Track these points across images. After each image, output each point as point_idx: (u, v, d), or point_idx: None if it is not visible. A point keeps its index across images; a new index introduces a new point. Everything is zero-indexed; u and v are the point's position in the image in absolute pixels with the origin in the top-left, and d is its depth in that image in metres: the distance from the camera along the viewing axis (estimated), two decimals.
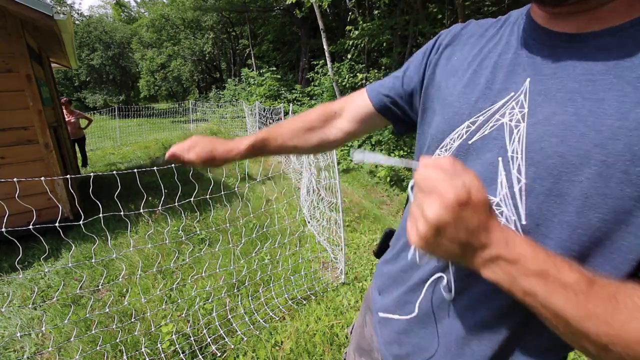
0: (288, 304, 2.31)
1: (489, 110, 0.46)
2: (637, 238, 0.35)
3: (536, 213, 0.40)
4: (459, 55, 0.54)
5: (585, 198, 0.36)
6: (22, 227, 1.62)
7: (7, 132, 3.19)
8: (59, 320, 2.18)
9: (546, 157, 0.39)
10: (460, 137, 0.48)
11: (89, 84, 22.84)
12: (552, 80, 0.41)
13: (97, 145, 9.59)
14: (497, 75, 0.46)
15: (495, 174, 0.43)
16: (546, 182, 0.39)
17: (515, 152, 0.41)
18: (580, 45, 0.39)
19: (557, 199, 0.38)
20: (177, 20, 20.59)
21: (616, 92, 0.36)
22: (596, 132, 0.36)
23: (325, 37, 7.57)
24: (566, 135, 0.38)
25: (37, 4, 2.88)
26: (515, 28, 0.48)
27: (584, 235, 0.37)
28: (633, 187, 0.34)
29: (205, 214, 3.78)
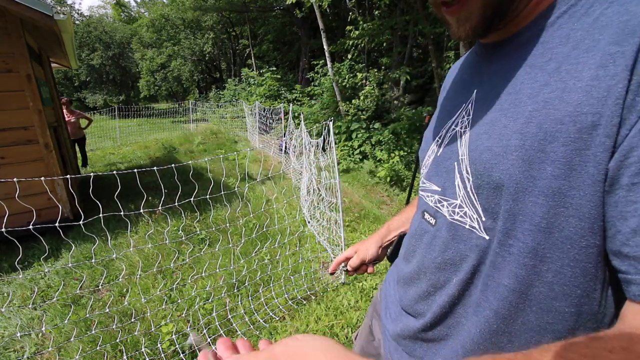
0: (288, 304, 2.30)
1: (448, 123, 0.52)
2: (582, 221, 0.34)
3: (488, 208, 0.42)
4: (449, 82, 0.62)
5: (517, 184, 0.38)
6: (22, 227, 1.62)
7: (7, 132, 3.19)
8: (59, 320, 2.18)
9: (480, 154, 0.42)
10: (433, 152, 0.55)
11: (89, 84, 22.85)
12: (487, 85, 0.46)
13: (97, 145, 9.60)
14: (456, 93, 0.54)
15: (453, 178, 0.47)
16: (485, 177, 0.42)
17: (463, 154, 0.46)
18: (507, 46, 0.45)
19: (495, 190, 0.40)
20: (177, 20, 20.59)
21: (529, 80, 0.39)
22: (514, 121, 0.39)
23: (325, 37, 7.57)
24: (493, 130, 0.41)
25: (37, 4, 2.88)
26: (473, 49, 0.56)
27: (526, 223, 0.38)
28: (553, 165, 0.35)
29: (205, 214, 3.78)
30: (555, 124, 0.35)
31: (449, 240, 0.48)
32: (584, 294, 0.37)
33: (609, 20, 0.34)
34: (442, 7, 0.43)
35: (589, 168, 0.33)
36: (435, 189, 0.53)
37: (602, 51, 0.33)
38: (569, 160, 0.34)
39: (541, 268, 0.38)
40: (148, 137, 11.01)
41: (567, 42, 0.37)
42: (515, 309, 0.42)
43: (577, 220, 0.35)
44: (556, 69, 0.37)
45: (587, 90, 0.33)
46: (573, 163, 0.34)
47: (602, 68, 0.33)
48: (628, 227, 0.31)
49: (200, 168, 6.11)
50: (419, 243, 0.57)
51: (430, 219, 0.53)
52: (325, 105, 8.38)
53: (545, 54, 0.39)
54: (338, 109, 7.67)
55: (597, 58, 0.34)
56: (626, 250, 0.32)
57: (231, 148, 8.19)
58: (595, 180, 0.33)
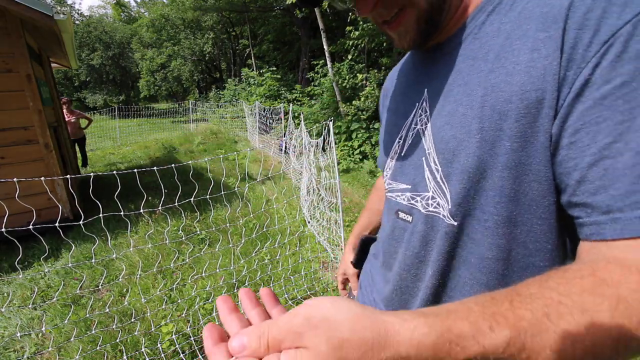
0: (288, 304, 2.30)
1: (406, 124, 0.56)
2: (541, 184, 0.40)
3: (456, 193, 0.46)
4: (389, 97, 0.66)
5: (483, 163, 0.42)
6: (22, 227, 1.62)
7: (7, 132, 3.19)
8: (59, 320, 2.18)
9: (446, 143, 0.46)
10: (395, 152, 0.58)
11: (89, 84, 22.86)
12: (437, 82, 0.50)
13: (97, 145, 9.60)
14: (405, 97, 0.58)
15: (422, 172, 0.51)
16: (453, 164, 0.45)
17: (429, 148, 0.49)
18: (446, 47, 0.50)
19: (463, 174, 0.44)
20: (177, 20, 20.59)
21: (475, 71, 0.44)
22: (470, 108, 0.43)
23: (325, 37, 7.57)
24: (453, 120, 0.46)
25: (37, 4, 2.88)
26: (411, 56, 0.61)
27: (497, 196, 0.42)
28: (511, 140, 0.40)
29: (205, 214, 3.78)
30: (506, 104, 0.40)
31: (428, 231, 0.51)
32: (554, 248, 0.43)
33: (531, 12, 0.40)
34: (384, 25, 0.49)
35: (540, 137, 0.38)
36: (404, 187, 0.55)
37: (533, 38, 0.39)
38: (523, 133, 0.39)
39: (516, 232, 0.43)
40: (148, 137, 11.01)
41: (499, 34, 0.43)
42: (502, 276, 0.46)
43: (537, 184, 0.40)
44: (496, 57, 0.42)
45: (527, 71, 0.38)
46: (526, 135, 0.39)
47: (536, 51, 0.38)
48: (573, 180, 0.36)
49: (200, 168, 6.11)
50: (399, 243, 0.58)
51: (406, 216, 0.55)
52: (325, 105, 8.38)
53: (483, 47, 0.44)
54: (338, 109, 7.67)
55: (529, 44, 0.39)
56: (575, 199, 0.37)
57: (231, 148, 8.19)
58: (545, 146, 0.38)
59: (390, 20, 0.47)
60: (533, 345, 0.27)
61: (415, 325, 0.27)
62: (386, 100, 0.68)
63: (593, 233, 0.35)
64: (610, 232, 0.33)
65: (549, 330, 0.27)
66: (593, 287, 0.29)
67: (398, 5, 0.45)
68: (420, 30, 0.47)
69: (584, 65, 0.35)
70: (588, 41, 0.35)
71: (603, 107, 0.34)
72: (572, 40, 0.36)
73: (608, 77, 0.33)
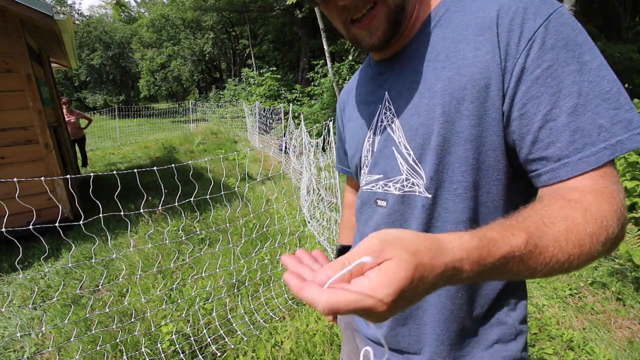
0: (288, 304, 2.30)
1: (373, 123, 0.64)
2: (495, 151, 0.51)
3: (429, 170, 0.55)
4: (348, 108, 0.76)
5: (448, 141, 0.52)
6: (22, 227, 1.62)
7: (7, 132, 3.19)
8: (59, 320, 2.18)
9: (416, 130, 0.55)
10: (368, 151, 0.66)
11: (89, 84, 22.85)
12: (397, 84, 0.60)
13: (97, 145, 9.60)
14: (368, 102, 0.67)
15: (395, 159, 0.60)
16: (424, 147, 0.55)
17: (399, 138, 0.58)
18: (402, 56, 0.60)
19: (434, 152, 0.53)
20: (177, 20, 20.59)
21: (430, 69, 0.54)
22: (432, 98, 0.53)
23: (325, 37, 7.57)
24: (419, 110, 0.55)
25: (37, 4, 2.88)
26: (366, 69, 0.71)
27: (463, 166, 0.52)
28: (469, 119, 0.50)
29: (205, 214, 3.78)
30: (461, 91, 0.50)
31: (405, 209, 0.60)
32: (508, 204, 0.54)
33: (467, 23, 0.52)
34: (351, 26, 0.55)
35: (491, 113, 0.49)
36: (377, 177, 0.64)
37: (473, 40, 0.50)
38: (477, 112, 0.50)
39: (479, 194, 0.53)
40: (148, 137, 11.02)
41: (445, 40, 0.54)
42: None
43: (492, 151, 0.51)
44: (446, 57, 0.53)
45: (474, 65, 0.49)
46: (480, 113, 0.50)
47: (478, 50, 0.49)
48: (528, 142, 0.47)
49: (200, 168, 6.11)
50: (379, 227, 0.64)
51: (382, 202, 0.63)
52: (325, 105, 8.38)
53: (433, 51, 0.55)
54: None
55: (471, 45, 0.50)
56: (531, 156, 0.47)
57: (231, 148, 8.19)
58: (497, 121, 0.49)
59: (362, 17, 0.53)
60: (542, 243, 0.37)
61: (460, 236, 0.35)
62: (344, 113, 0.77)
63: (551, 178, 0.46)
64: (564, 173, 0.45)
65: (548, 233, 0.38)
66: (565, 205, 0.41)
67: (372, 1, 0.52)
68: (390, 27, 0.54)
69: (518, 57, 0.46)
70: (517, 39, 0.46)
71: (538, 84, 0.46)
72: (505, 40, 0.47)
73: (537, 63, 0.45)
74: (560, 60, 0.44)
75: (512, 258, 0.36)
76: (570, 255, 0.38)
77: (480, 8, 0.51)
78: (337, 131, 0.88)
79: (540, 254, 0.37)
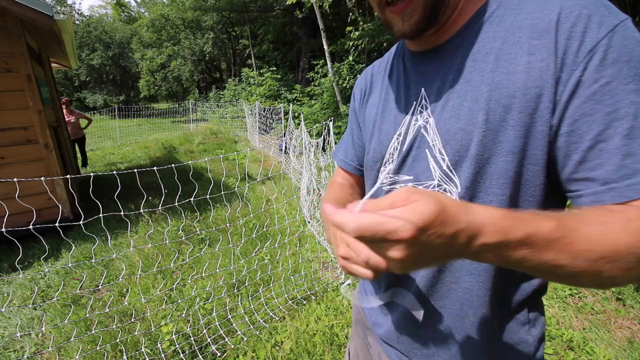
0: (288, 304, 2.31)
1: (405, 120, 0.60)
2: (536, 166, 0.48)
3: (465, 179, 0.52)
4: (373, 95, 0.71)
5: (489, 150, 0.49)
6: (22, 227, 1.62)
7: (7, 132, 3.19)
8: (59, 320, 2.18)
9: (453, 135, 0.52)
10: (395, 149, 0.62)
11: (89, 84, 22.84)
12: (435, 81, 0.56)
13: (97, 145, 9.60)
14: (400, 96, 0.62)
15: (427, 162, 0.56)
16: (461, 152, 0.51)
17: (433, 140, 0.55)
18: (443, 51, 0.55)
19: (471, 160, 0.50)
20: (177, 20, 20.58)
21: (476, 70, 0.50)
22: (475, 102, 0.49)
23: (325, 37, 7.57)
24: (459, 114, 0.51)
25: (37, 4, 2.88)
26: (400, 59, 0.65)
27: (502, 178, 0.49)
28: (514, 129, 0.47)
29: (205, 214, 3.78)
30: (510, 98, 0.47)
31: None
32: None
33: (522, 24, 0.48)
34: (386, 8, 0.52)
35: (538, 126, 0.46)
36: (407, 179, 0.60)
37: (527, 44, 0.46)
38: (524, 122, 0.46)
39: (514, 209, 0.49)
40: (148, 137, 11.01)
41: (495, 40, 0.50)
42: None
43: (533, 166, 0.48)
44: (496, 59, 0.49)
45: (527, 71, 0.46)
46: (527, 124, 0.46)
47: (531, 55, 0.46)
48: (574, 160, 0.44)
49: (200, 168, 6.12)
50: None
51: None
52: (325, 105, 8.37)
53: (481, 50, 0.50)
54: (338, 109, 7.67)
55: (524, 49, 0.46)
56: (576, 175, 0.44)
57: (231, 148, 8.19)
58: (544, 134, 0.46)
59: (397, 0, 0.50)
60: (571, 235, 0.36)
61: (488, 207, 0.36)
62: (367, 99, 0.72)
63: (593, 201, 0.43)
64: (609, 198, 0.41)
65: (581, 229, 0.36)
66: (606, 213, 0.39)
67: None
68: (426, 16, 0.51)
69: (575, 68, 0.43)
70: (576, 49, 0.43)
71: (594, 101, 0.42)
72: (563, 48, 0.44)
73: (595, 78, 0.42)
74: (621, 77, 0.41)
75: (537, 242, 0.35)
76: (600, 257, 0.35)
77: (537, 8, 0.47)
78: (350, 116, 0.81)
79: (566, 245, 0.36)
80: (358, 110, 0.76)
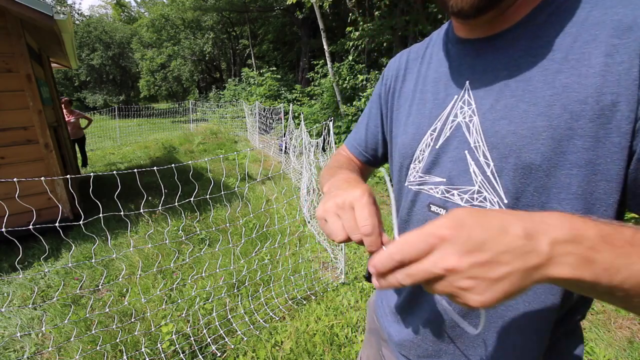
0: (288, 304, 2.31)
1: (442, 115, 0.53)
2: (609, 182, 0.41)
3: (512, 189, 0.46)
4: (407, 83, 0.63)
5: (549, 161, 0.42)
6: (22, 227, 1.62)
7: (7, 132, 3.19)
8: (59, 320, 2.18)
9: (502, 138, 0.46)
10: (428, 145, 0.55)
11: (89, 84, 22.84)
12: (485, 75, 0.49)
13: (97, 145, 9.59)
14: (439, 87, 0.55)
15: (466, 165, 0.50)
16: (510, 159, 0.45)
17: (476, 142, 0.49)
18: (499, 41, 0.48)
19: (524, 170, 0.44)
20: (177, 20, 20.58)
21: (539, 69, 0.44)
22: (534, 105, 0.43)
23: (325, 37, 7.57)
24: (512, 115, 0.45)
25: (37, 4, 2.88)
26: (442, 46, 0.58)
27: (563, 193, 0.43)
28: (582, 139, 0.41)
29: (205, 214, 3.78)
30: (579, 104, 0.40)
31: None
32: None
33: (600, 20, 0.41)
34: None
35: (613, 138, 0.39)
36: (438, 180, 0.54)
37: (605, 43, 0.40)
38: (595, 133, 0.40)
39: None
40: (148, 137, 11.01)
41: (565, 36, 0.43)
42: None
43: (605, 182, 0.41)
44: (564, 58, 0.42)
45: (602, 75, 0.39)
46: (599, 135, 0.40)
47: (610, 57, 0.39)
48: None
49: (200, 168, 6.11)
50: None
51: (440, 209, 0.54)
52: (325, 105, 8.38)
53: (546, 46, 0.44)
54: (338, 109, 7.67)
55: (602, 49, 0.40)
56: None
57: (231, 148, 8.19)
58: (621, 147, 0.39)
59: None
60: None
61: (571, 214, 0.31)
62: (401, 85, 0.65)
63: None
64: None
65: None
66: None
67: None
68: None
69: None
70: None
71: None
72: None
73: None
74: None
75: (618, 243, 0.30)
76: None
77: (619, 2, 0.41)
78: (372, 99, 0.73)
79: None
80: (384, 97, 0.69)
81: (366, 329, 0.83)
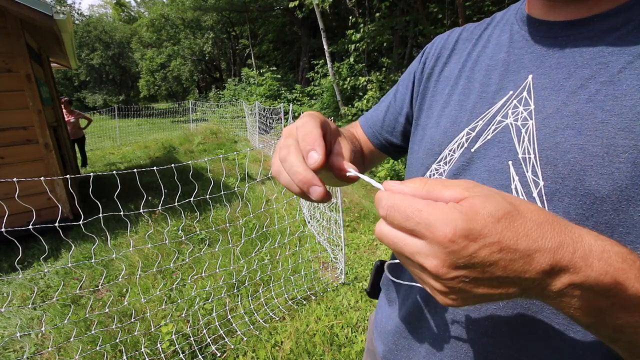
0: (288, 304, 2.30)
1: (488, 113, 0.43)
2: None
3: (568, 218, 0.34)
4: (450, 66, 0.52)
5: (621, 192, 0.32)
6: (21, 227, 1.62)
7: (6, 132, 3.19)
8: (58, 320, 2.18)
9: (564, 153, 0.35)
10: (460, 146, 0.45)
11: (89, 83, 22.85)
12: (557, 70, 0.38)
13: (97, 145, 9.59)
14: (491, 77, 0.44)
15: (507, 180, 0.39)
16: (569, 181, 0.35)
17: (526, 152, 0.38)
18: (586, 29, 0.37)
19: (585, 198, 0.34)
20: (177, 20, 20.58)
21: (634, 70, 0.33)
22: (617, 115, 0.33)
23: (325, 37, 7.58)
24: (583, 125, 0.34)
25: (37, 4, 2.88)
26: (505, 28, 0.46)
27: (631, 235, 0.33)
28: None
29: (205, 214, 3.77)
30: None
31: None
32: None
33: None
34: None
35: None
36: None
37: None
38: None
39: None
40: (148, 137, 11.01)
41: None
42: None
43: None
44: None
45: None
46: None
47: None
48: None
49: (200, 168, 6.11)
50: None
51: None
52: (325, 105, 8.38)
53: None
54: (338, 109, 7.67)
55: None
56: None
57: (231, 148, 8.19)
58: None
59: None
60: None
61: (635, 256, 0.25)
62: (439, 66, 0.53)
63: None
64: None
65: None
66: None
67: None
68: None
69: None
70: None
71: None
72: None
73: None
74: None
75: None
76: None
77: None
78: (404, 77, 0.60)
79: None
80: (418, 76, 0.56)
81: (365, 349, 0.76)
